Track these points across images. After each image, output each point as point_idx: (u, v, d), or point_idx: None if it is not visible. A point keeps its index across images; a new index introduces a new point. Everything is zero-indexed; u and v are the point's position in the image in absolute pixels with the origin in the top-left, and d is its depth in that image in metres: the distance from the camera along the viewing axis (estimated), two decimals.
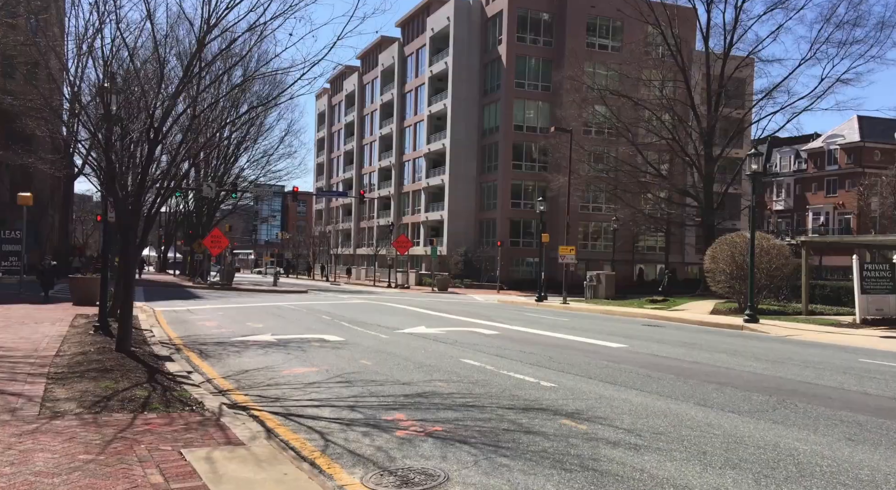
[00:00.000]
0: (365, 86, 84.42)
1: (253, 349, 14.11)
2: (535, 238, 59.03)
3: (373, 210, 79.39)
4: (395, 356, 12.71)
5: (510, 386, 9.54)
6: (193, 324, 19.75)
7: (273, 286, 44.15)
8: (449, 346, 14.15)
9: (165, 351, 13.71)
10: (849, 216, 68.47)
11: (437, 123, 65.48)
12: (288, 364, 11.98)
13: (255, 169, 58.49)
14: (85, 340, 13.81)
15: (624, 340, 15.82)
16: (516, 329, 18.22)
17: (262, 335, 16.73)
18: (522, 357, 12.48)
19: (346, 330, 17.88)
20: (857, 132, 67.94)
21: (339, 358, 12.61)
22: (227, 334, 17.00)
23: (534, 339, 15.75)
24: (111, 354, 11.29)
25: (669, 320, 23.48)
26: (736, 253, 25.03)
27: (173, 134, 12.39)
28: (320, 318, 21.84)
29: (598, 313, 27.44)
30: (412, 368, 11.24)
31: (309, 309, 25.77)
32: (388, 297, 37.70)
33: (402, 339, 15.75)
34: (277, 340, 15.56)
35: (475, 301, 37.75)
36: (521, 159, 58.54)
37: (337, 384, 10.00)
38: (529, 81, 58.50)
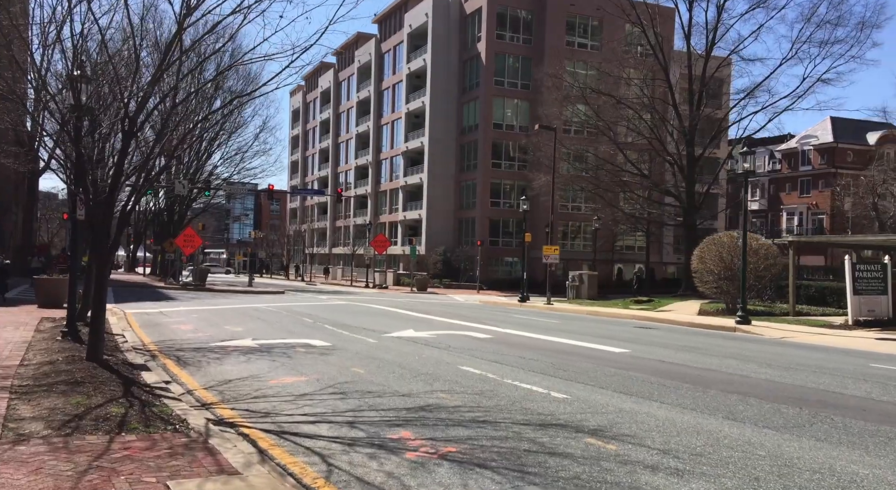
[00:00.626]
0: (341, 83, 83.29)
1: (234, 356, 13.28)
2: (514, 238, 58.58)
3: (349, 209, 78.33)
4: (388, 363, 11.98)
5: (519, 397, 8.87)
6: (168, 327, 18.80)
7: (248, 287, 43.03)
8: (443, 352, 13.45)
9: (140, 358, 12.82)
10: (822, 216, 69.18)
11: (415, 121, 64.68)
12: (274, 373, 11.18)
13: (229, 166, 57.22)
14: (52, 347, 12.86)
15: (623, 344, 15.26)
16: (509, 332, 17.58)
17: (243, 340, 15.88)
18: (524, 364, 11.83)
19: (331, 334, 17.09)
20: (831, 133, 68.67)
21: (328, 365, 11.84)
22: (205, 339, 16.11)
23: (530, 344, 15.12)
24: (82, 364, 10.39)
25: (659, 322, 23.04)
26: (724, 253, 24.69)
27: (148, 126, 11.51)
28: (302, 320, 21.00)
29: (585, 315, 26.94)
30: (409, 377, 10.52)
31: (289, 311, 24.89)
32: (368, 298, 36.88)
33: (391, 343, 15.01)
34: (260, 346, 14.73)
35: (456, 302, 37.09)
36: (501, 158, 58.02)
37: (331, 396, 9.24)
38: (509, 79, 58.00)
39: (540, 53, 56.95)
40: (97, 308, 10.22)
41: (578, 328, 19.64)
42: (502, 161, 58.04)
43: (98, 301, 10.28)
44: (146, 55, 10.70)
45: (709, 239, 26.33)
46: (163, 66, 9.88)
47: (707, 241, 26.03)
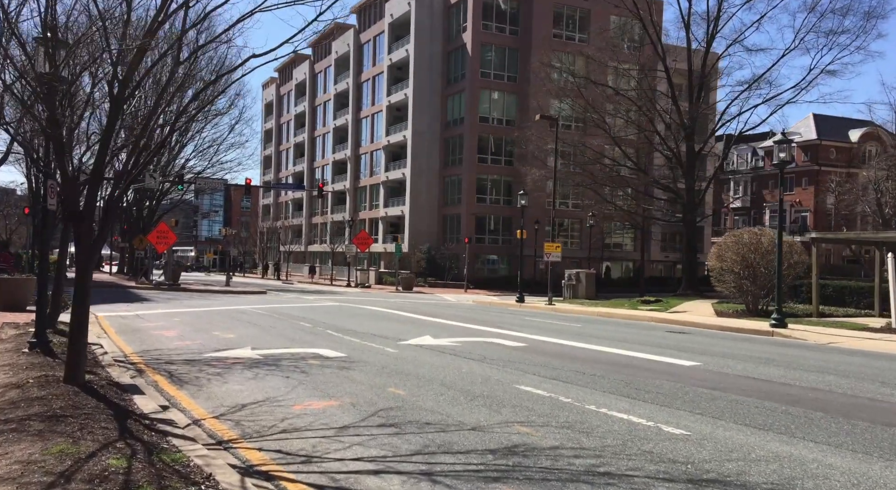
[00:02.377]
0: (317, 75, 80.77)
1: (237, 371, 11.30)
2: (500, 235, 56.95)
3: (326, 205, 75.91)
4: (426, 381, 10.11)
5: (624, 432, 7.08)
6: (149, 334, 16.67)
7: (226, 286, 40.67)
8: (483, 366, 11.61)
9: (126, 375, 10.77)
10: (806, 213, 68.87)
11: (396, 114, 62.62)
12: (295, 394, 9.26)
13: (202, 159, 54.62)
14: (18, 363, 10.73)
15: (681, 354, 13.43)
16: (538, 339, 15.77)
17: (241, 349, 13.87)
18: (590, 382, 10.05)
19: (339, 341, 15.15)
20: (814, 130, 68.33)
21: (356, 384, 9.94)
22: (196, 348, 14.07)
23: (574, 354, 13.31)
24: (59, 388, 8.33)
25: (681, 324, 21.47)
26: (746, 251, 23.25)
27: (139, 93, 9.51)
28: (298, 325, 18.99)
29: (596, 316, 25.31)
30: (464, 401, 8.68)
31: (279, 314, 22.82)
32: (356, 299, 34.86)
33: (416, 354, 13.13)
34: (264, 357, 12.75)
35: (448, 302, 35.28)
36: (487, 153, 56.27)
37: (381, 430, 7.36)
38: (495, 71, 56.26)
39: (527, 44, 55.33)
40: (78, 319, 8.19)
41: (608, 333, 17.93)
42: (489, 156, 56.31)
43: (80, 310, 8.25)
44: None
45: (728, 236, 24.90)
46: (160, 17, 7.86)
47: (727, 239, 24.58)
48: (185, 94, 12.38)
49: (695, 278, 38.21)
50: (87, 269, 8.35)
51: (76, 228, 8.26)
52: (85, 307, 8.43)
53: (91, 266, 8.45)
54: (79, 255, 8.35)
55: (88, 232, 8.39)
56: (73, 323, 8.36)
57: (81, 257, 8.35)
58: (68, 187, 8.20)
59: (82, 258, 8.28)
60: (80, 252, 8.31)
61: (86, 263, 8.29)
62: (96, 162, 8.36)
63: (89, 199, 8.23)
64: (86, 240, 8.30)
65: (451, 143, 58.37)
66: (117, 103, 8.11)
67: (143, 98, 13.80)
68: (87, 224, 8.32)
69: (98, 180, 8.41)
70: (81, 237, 8.26)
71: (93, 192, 8.23)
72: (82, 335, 8.47)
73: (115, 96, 8.10)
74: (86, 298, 8.41)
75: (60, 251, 14.03)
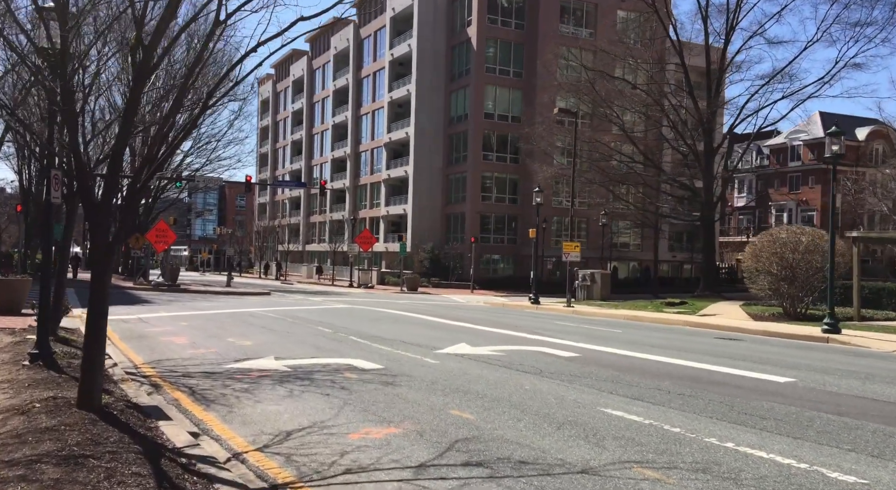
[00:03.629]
0: (315, 71, 79.24)
1: (267, 386, 9.96)
2: (506, 234, 55.70)
3: (325, 204, 74.41)
4: (490, 400, 8.79)
5: (778, 478, 5.75)
6: (157, 341, 15.27)
7: (227, 287, 39.21)
8: (545, 381, 10.29)
9: (143, 393, 9.41)
10: (812, 213, 67.86)
11: (398, 111, 61.23)
12: (345, 418, 7.92)
13: (201, 156, 53.02)
14: (19, 380, 9.35)
15: (762, 367, 11.90)
16: (589, 347, 14.39)
17: (263, 359, 12.52)
18: (682, 403, 8.71)
19: (369, 350, 13.81)
20: (821, 128, 67.18)
21: (409, 404, 8.60)
22: (214, 358, 12.71)
23: (643, 367, 11.89)
24: (72, 415, 6.95)
25: (723, 329, 20.20)
26: (784, 251, 22.04)
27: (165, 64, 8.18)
28: (317, 330, 17.62)
29: (626, 320, 24.04)
30: (549, 429, 7.36)
31: (292, 317, 21.44)
32: (365, 300, 33.51)
33: (461, 366, 11.81)
34: (292, 369, 11.40)
35: (458, 303, 33.99)
36: (492, 150, 54.95)
37: (467, 470, 6.02)
38: (501, 66, 54.92)
39: (533, 40, 54.09)
40: (95, 331, 6.83)
41: (656, 340, 16.57)
42: (494, 153, 54.99)
43: (97, 320, 6.89)
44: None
45: (764, 234, 23.68)
46: None
47: (762, 238, 23.36)
48: (208, 71, 11.06)
49: (713, 279, 37.02)
50: (104, 270, 6.99)
51: (92, 221, 6.88)
52: (102, 317, 7.07)
53: (110, 266, 7.09)
54: (94, 253, 6.97)
55: (106, 226, 7.01)
56: (89, 336, 6.99)
57: (98, 256, 6.98)
58: (83, 173, 6.83)
59: (99, 257, 6.91)
60: (97, 250, 6.94)
61: (103, 263, 6.93)
62: (116, 144, 6.99)
63: (108, 186, 6.86)
64: (103, 235, 6.92)
65: (454, 140, 57.03)
66: (141, 73, 6.75)
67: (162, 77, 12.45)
68: (105, 216, 6.94)
69: (117, 165, 7.04)
70: (98, 232, 6.88)
71: (112, 178, 6.86)
72: (99, 351, 7.10)
73: (139, 65, 6.74)
74: (103, 306, 7.05)
75: (62, 249, 12.64)
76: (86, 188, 6.85)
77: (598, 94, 38.22)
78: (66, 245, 12.56)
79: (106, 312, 7.15)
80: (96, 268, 6.94)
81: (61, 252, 12.43)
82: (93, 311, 6.98)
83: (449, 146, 57.50)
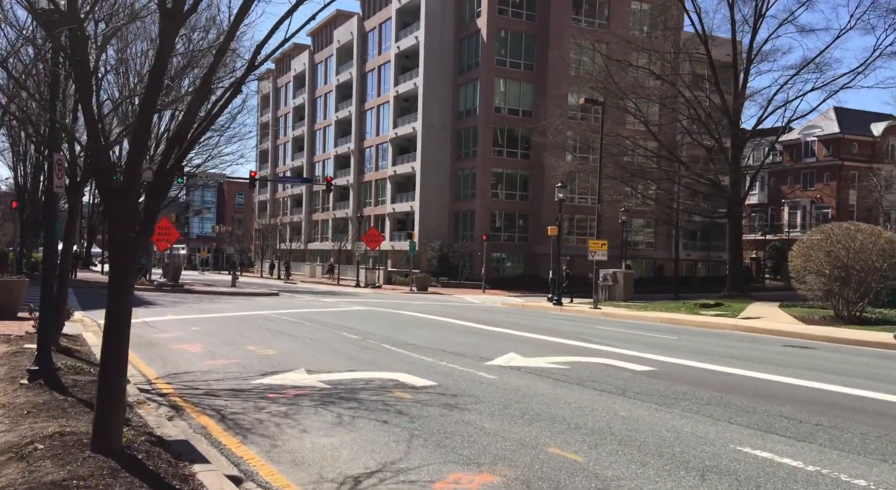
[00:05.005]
0: (317, 65, 77.55)
1: (309, 409, 8.44)
2: (516, 232, 54.20)
3: (327, 201, 72.79)
4: (589, 433, 7.26)
5: None
6: (169, 349, 13.71)
7: (232, 287, 37.63)
8: (640, 406, 8.75)
9: (165, 419, 7.87)
10: (827, 210, 66.40)
11: (404, 105, 59.64)
12: (420, 458, 6.39)
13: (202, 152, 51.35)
14: (16, 405, 7.78)
15: (886, 387, 10.48)
16: (659, 359, 12.69)
17: (294, 373, 10.99)
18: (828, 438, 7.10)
19: (410, 361, 12.28)
20: (836, 123, 65.84)
21: (491, 437, 7.07)
22: (236, 371, 11.18)
23: (742, 385, 10.11)
24: (85, 462, 5.37)
25: (778, 334, 18.69)
26: (838, 249, 20.54)
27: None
28: (342, 337, 16.08)
29: (664, 323, 22.53)
30: (690, 478, 5.83)
31: (311, 320, 19.88)
32: (378, 300, 31.96)
33: (525, 381, 10.28)
34: (331, 386, 9.88)
35: (474, 304, 32.49)
36: (503, 145, 53.40)
37: None
38: (511, 59, 53.32)
39: (545, 31, 52.53)
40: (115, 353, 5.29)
41: (721, 349, 14.93)
42: (504, 148, 53.43)
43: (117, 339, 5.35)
44: None
45: (816, 232, 22.18)
46: None
47: (813, 235, 21.87)
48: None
49: (739, 279, 35.56)
50: (126, 272, 5.43)
51: (112, 211, 5.32)
52: (123, 334, 5.52)
53: (134, 267, 5.54)
54: (115, 250, 5.40)
55: (129, 216, 5.44)
56: (107, 359, 5.43)
57: (120, 254, 5.41)
58: (99, 147, 5.27)
59: (121, 255, 5.35)
60: (118, 247, 5.37)
61: (126, 263, 5.37)
62: (142, 114, 5.44)
63: (131, 165, 5.31)
64: (125, 228, 5.36)
65: (463, 136, 55.46)
66: (171, 21, 5.20)
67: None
68: (129, 204, 5.38)
69: (144, 139, 5.49)
70: (119, 224, 5.32)
71: (137, 156, 5.32)
72: (119, 378, 5.53)
73: (169, 12, 5.19)
74: (125, 319, 5.49)
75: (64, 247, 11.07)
76: (103, 165, 5.30)
77: (617, 86, 36.66)
78: (68, 242, 10.99)
79: (128, 328, 5.59)
80: (118, 269, 5.38)
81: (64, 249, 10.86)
82: (112, 327, 5.42)
83: (457, 141, 55.95)
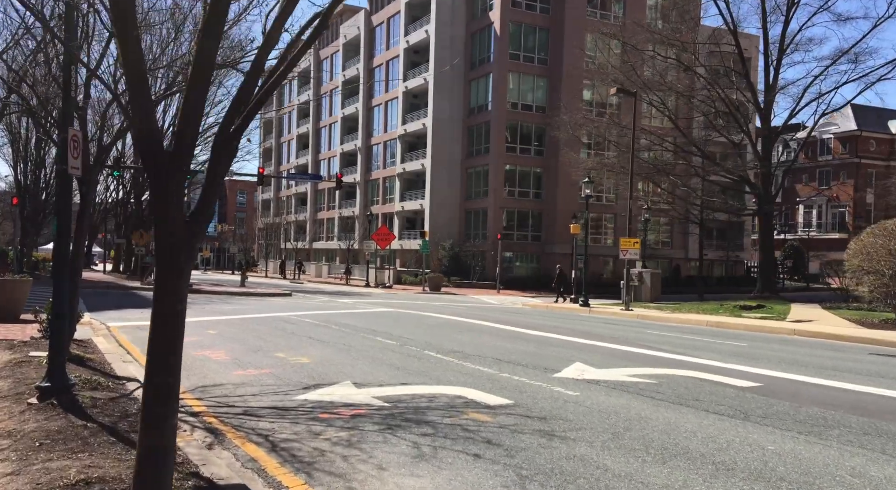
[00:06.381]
0: (322, 61, 76.05)
1: (374, 435, 7.02)
2: (529, 231, 52.76)
3: (333, 200, 71.32)
4: (746, 476, 5.83)
5: None
6: (189, 356, 12.22)
7: (242, 287, 36.17)
8: (779, 435, 7.30)
9: (206, 448, 6.43)
10: (843, 209, 65.01)
11: (413, 101, 58.20)
12: None
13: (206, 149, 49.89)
14: (26, 435, 6.33)
15: None
16: (760, 373, 10.94)
17: (339, 386, 9.60)
18: None
19: (465, 372, 10.86)
20: (853, 120, 64.42)
21: (626, 482, 5.63)
22: (273, 384, 9.77)
23: (881, 407, 8.86)
24: None
25: (850, 341, 17.25)
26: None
27: None
28: (377, 342, 14.63)
29: (712, 327, 21.08)
30: None
31: (336, 324, 18.42)
32: (396, 301, 30.52)
33: (617, 401, 8.84)
34: (389, 404, 8.45)
35: (495, 305, 31.09)
36: (516, 141, 51.94)
37: None
38: (525, 53, 51.85)
39: (559, 24, 51.09)
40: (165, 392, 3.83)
41: (807, 358, 13.28)
42: (517, 145, 51.96)
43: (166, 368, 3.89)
44: None
45: (874, 229, 20.77)
46: None
47: (872, 232, 20.45)
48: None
49: (771, 279, 34.15)
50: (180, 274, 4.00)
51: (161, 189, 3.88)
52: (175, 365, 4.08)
53: (190, 266, 4.12)
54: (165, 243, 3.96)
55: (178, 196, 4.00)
56: (153, 391, 4.00)
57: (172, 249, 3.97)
58: (145, 101, 3.82)
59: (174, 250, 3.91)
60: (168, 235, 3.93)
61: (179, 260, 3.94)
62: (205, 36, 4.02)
63: (186, 123, 3.88)
64: (176, 210, 3.92)
65: (474, 132, 54.01)
66: None
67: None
68: (182, 180, 3.95)
69: (198, 104, 4.05)
70: (169, 205, 3.87)
71: (193, 112, 3.89)
72: (170, 422, 4.09)
73: None
74: (177, 342, 4.07)
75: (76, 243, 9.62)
76: (150, 131, 3.85)
77: (641, 79, 35.22)
78: (80, 237, 9.56)
79: (179, 357, 4.15)
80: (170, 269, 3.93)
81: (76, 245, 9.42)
82: (160, 356, 3.98)
83: (468, 138, 54.49)
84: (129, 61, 3.81)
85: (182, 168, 4.00)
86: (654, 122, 44.53)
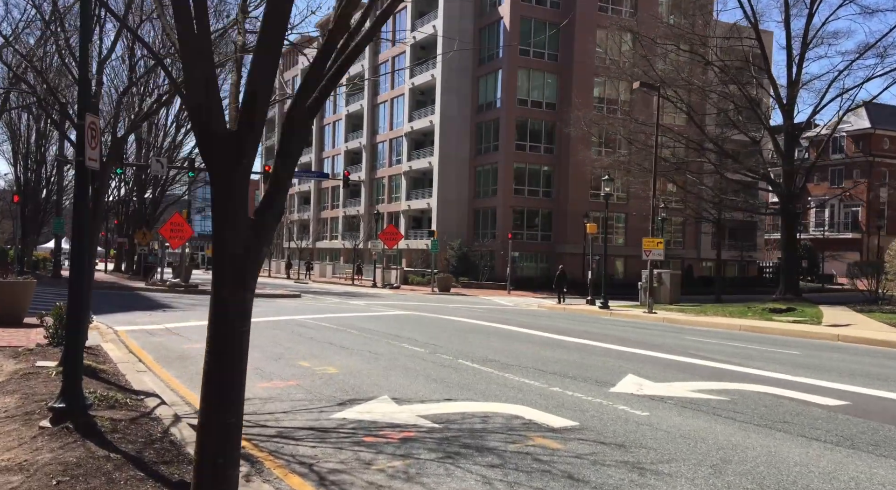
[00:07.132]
0: None
1: (433, 467, 6.12)
2: (539, 230, 51.85)
3: (337, 198, 70.39)
4: None
5: None
6: None
7: None
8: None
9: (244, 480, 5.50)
10: (857, 208, 64.04)
11: (419, 98, 57.26)
12: None
13: None
14: (41, 468, 5.41)
15: None
16: (841, 388, 10.10)
17: (378, 402, 8.69)
18: None
19: (509, 385, 9.95)
20: (867, 118, 63.41)
21: None
22: (303, 398, 8.88)
23: None
24: None
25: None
26: None
27: None
28: (406, 349, 13.71)
29: (746, 331, 20.18)
30: None
31: (356, 328, 17.49)
32: (408, 303, 29.62)
33: (693, 422, 7.92)
34: (439, 425, 7.55)
35: (508, 306, 30.20)
36: (525, 139, 50.99)
37: None
38: (535, 49, 50.92)
39: (570, 19, 50.08)
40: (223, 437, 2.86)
41: (874, 369, 12.54)
42: (527, 142, 51.03)
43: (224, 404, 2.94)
44: None
45: None
46: None
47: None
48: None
49: (794, 280, 33.22)
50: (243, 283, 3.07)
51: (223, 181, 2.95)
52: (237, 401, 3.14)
53: (256, 272, 3.19)
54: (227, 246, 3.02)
55: (241, 190, 3.05)
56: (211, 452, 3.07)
57: (232, 257, 3.02)
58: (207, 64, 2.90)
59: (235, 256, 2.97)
60: (229, 229, 2.98)
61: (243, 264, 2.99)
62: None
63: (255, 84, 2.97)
64: (240, 206, 2.96)
65: (483, 129, 53.08)
66: None
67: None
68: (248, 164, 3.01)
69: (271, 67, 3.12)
70: (232, 201, 2.91)
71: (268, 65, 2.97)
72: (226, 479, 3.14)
73: None
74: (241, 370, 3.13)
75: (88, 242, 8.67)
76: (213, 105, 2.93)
77: (656, 73, 34.26)
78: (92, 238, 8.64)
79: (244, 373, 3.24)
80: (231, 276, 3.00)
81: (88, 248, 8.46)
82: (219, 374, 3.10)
83: (476, 135, 53.57)
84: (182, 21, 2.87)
85: (249, 150, 3.07)
86: (666, 119, 43.54)
